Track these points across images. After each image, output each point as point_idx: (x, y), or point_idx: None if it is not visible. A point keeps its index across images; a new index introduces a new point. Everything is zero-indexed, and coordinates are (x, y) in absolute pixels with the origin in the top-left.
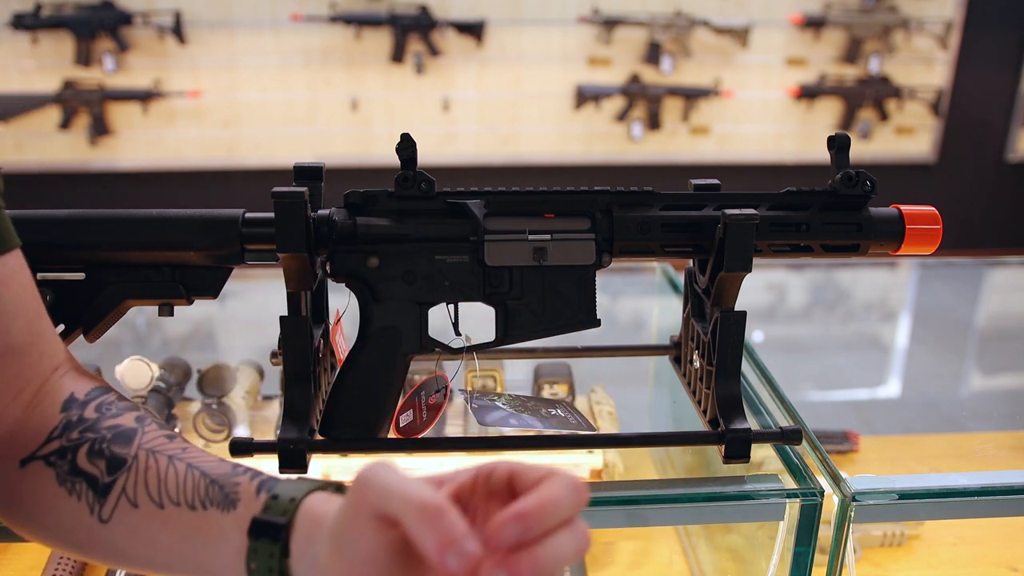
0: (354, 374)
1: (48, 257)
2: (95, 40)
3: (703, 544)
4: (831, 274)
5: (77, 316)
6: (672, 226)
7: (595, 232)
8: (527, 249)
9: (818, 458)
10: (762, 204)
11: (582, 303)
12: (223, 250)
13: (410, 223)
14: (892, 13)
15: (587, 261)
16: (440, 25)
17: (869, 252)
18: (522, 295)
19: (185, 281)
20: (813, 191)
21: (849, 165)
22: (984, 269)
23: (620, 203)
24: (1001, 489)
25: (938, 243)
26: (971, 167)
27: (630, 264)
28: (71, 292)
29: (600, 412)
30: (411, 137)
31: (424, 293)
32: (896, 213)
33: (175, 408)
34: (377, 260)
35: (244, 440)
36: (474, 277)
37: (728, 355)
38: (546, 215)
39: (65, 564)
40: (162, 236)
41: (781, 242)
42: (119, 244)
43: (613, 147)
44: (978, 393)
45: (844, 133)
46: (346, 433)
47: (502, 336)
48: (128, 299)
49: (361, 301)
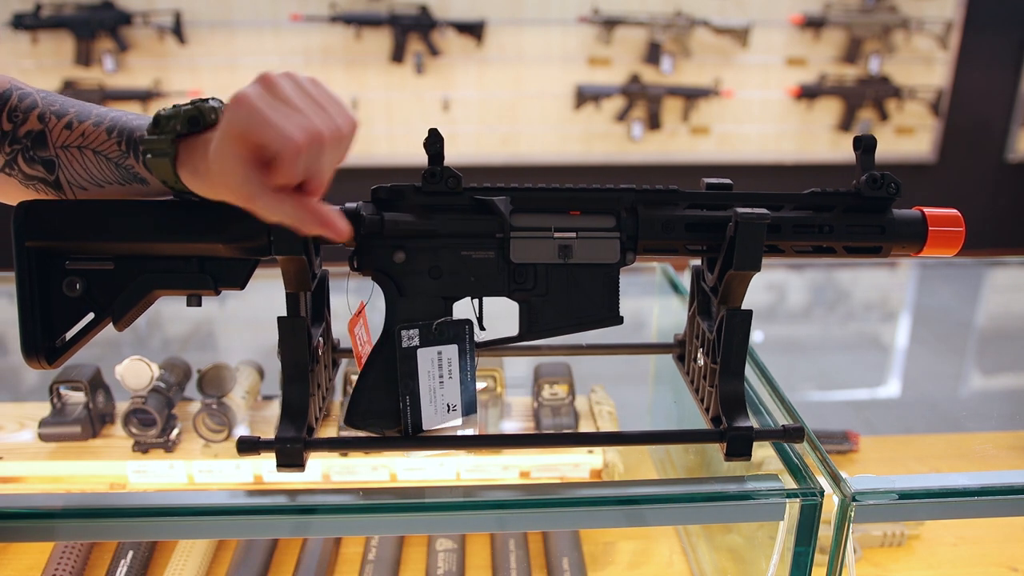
0: (379, 366)
1: (78, 247)
2: (95, 40)
3: (703, 544)
4: (831, 274)
5: (107, 305)
6: (696, 226)
7: (620, 230)
8: (552, 246)
9: (818, 458)
10: (786, 205)
11: (606, 300)
12: (251, 242)
13: (437, 219)
14: (892, 13)
15: (611, 259)
16: (440, 25)
17: (891, 254)
18: (547, 291)
19: (213, 272)
20: (837, 192)
21: (875, 167)
22: (984, 269)
23: (645, 201)
24: (1001, 489)
25: (960, 245)
26: (971, 167)
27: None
28: (100, 282)
29: (600, 412)
30: (438, 132)
31: (450, 288)
32: (919, 215)
33: (175, 408)
34: (404, 255)
35: (251, 439)
36: (500, 273)
37: (733, 353)
38: (571, 212)
39: (65, 564)
40: (191, 227)
41: (804, 243)
42: (148, 235)
43: (613, 147)
44: (978, 393)
45: (870, 135)
46: (370, 424)
47: (526, 331)
48: (156, 289)
49: (387, 295)
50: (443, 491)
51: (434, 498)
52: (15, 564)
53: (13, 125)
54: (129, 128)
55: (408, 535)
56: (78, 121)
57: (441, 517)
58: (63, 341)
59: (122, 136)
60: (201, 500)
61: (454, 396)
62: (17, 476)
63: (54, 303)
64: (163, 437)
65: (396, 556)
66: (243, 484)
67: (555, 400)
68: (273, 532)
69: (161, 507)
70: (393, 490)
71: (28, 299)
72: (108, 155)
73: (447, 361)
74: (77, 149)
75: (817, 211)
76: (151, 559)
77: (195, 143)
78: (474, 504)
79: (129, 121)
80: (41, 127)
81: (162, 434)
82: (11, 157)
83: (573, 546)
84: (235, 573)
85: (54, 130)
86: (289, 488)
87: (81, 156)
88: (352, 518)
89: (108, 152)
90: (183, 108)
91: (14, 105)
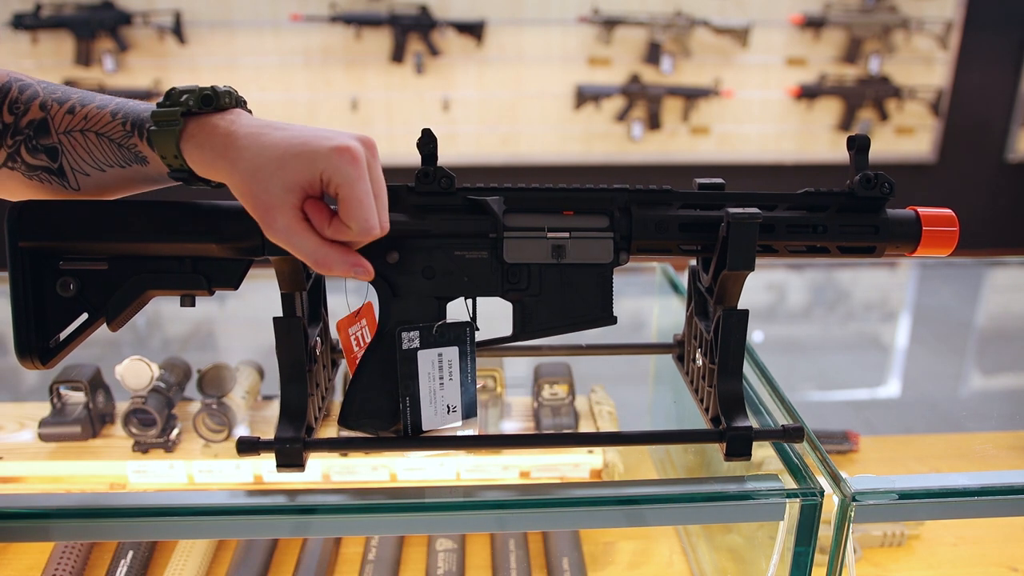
0: (373, 366)
1: (71, 247)
2: (95, 40)
3: (703, 544)
4: (831, 274)
5: (100, 305)
6: (690, 226)
7: (613, 230)
8: (546, 246)
9: (818, 458)
10: (780, 205)
11: (599, 300)
12: (244, 242)
13: (430, 219)
14: (892, 13)
15: (605, 259)
16: (440, 25)
17: (885, 254)
18: (540, 291)
19: (206, 272)
20: (831, 192)
21: (868, 167)
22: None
23: (639, 201)
24: (1001, 489)
25: (954, 245)
26: (971, 167)
27: (630, 263)
28: (94, 282)
29: (600, 412)
30: (432, 133)
31: (443, 288)
32: (913, 215)
33: (175, 408)
34: (397, 255)
35: (251, 439)
36: (493, 273)
37: (730, 353)
38: (565, 212)
39: (65, 564)
40: (184, 227)
41: (798, 243)
42: (141, 235)
43: (613, 147)
44: (978, 393)
45: (864, 135)
46: (364, 424)
47: (519, 331)
48: (150, 289)
49: (381, 296)
50: (443, 491)
51: (434, 498)
52: (15, 564)
53: (15, 117)
54: (136, 111)
55: (408, 535)
56: (80, 105)
57: (441, 517)
58: (57, 341)
59: (127, 118)
60: (201, 500)
61: (454, 398)
62: (17, 476)
63: (48, 303)
64: (163, 437)
65: (396, 556)
66: (243, 484)
67: (555, 400)
68: (273, 532)
69: (161, 507)
70: (393, 490)
71: (22, 299)
72: (111, 136)
73: (447, 363)
74: (80, 133)
75: (811, 211)
76: (151, 559)
77: (203, 122)
78: (474, 504)
79: (135, 106)
80: (43, 115)
81: (162, 434)
82: (13, 150)
83: (573, 546)
84: (235, 573)
85: (56, 116)
86: (289, 488)
87: (84, 140)
88: (352, 518)
89: (111, 133)
90: (199, 87)
91: (15, 97)
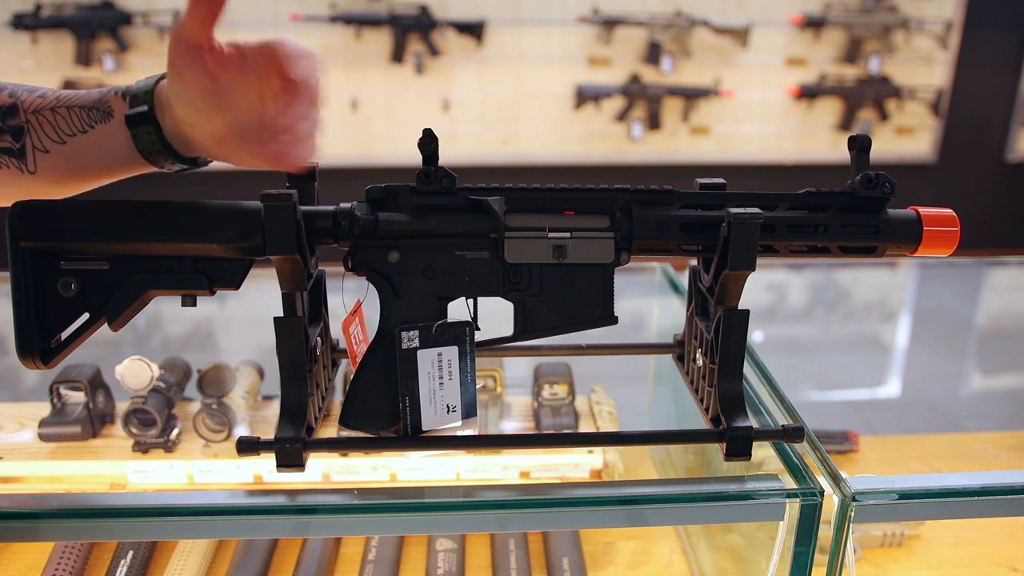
0: (374, 366)
1: (72, 247)
2: (95, 40)
3: (703, 544)
4: (831, 274)
5: (101, 305)
6: (691, 226)
7: (614, 230)
8: (547, 246)
9: (818, 458)
10: (781, 205)
11: (600, 300)
12: (245, 242)
13: (431, 219)
14: (892, 13)
15: (606, 259)
16: (440, 25)
17: (886, 254)
18: (541, 292)
19: (207, 272)
20: (832, 192)
21: (869, 166)
22: (984, 269)
23: (640, 202)
24: (1001, 489)
25: (956, 245)
26: (971, 167)
27: (630, 263)
28: (95, 282)
29: (600, 412)
30: (433, 133)
31: (444, 288)
32: (914, 215)
33: (175, 408)
34: (398, 255)
35: (251, 439)
36: (494, 273)
37: (731, 353)
38: (566, 212)
39: (65, 564)
40: (185, 227)
41: (799, 243)
42: (142, 235)
43: (613, 147)
44: (978, 393)
45: (865, 135)
46: (365, 424)
47: (520, 332)
48: (151, 289)
49: (381, 296)
50: (443, 491)
51: (434, 498)
52: (15, 564)
53: None
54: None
55: (408, 535)
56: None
57: (441, 517)
58: (58, 341)
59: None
60: (201, 500)
61: (454, 398)
62: (17, 476)
63: (49, 303)
64: (163, 437)
65: (396, 556)
66: (243, 484)
67: (555, 400)
68: (273, 532)
69: (161, 507)
70: (393, 490)
71: (23, 299)
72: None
73: (447, 363)
74: (50, 111)
75: (812, 211)
76: (151, 559)
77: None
78: (474, 504)
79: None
80: (12, 101)
81: (162, 434)
82: None
83: (573, 546)
84: (235, 573)
85: (26, 100)
86: (289, 488)
87: (53, 116)
88: (352, 518)
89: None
90: None
91: None
